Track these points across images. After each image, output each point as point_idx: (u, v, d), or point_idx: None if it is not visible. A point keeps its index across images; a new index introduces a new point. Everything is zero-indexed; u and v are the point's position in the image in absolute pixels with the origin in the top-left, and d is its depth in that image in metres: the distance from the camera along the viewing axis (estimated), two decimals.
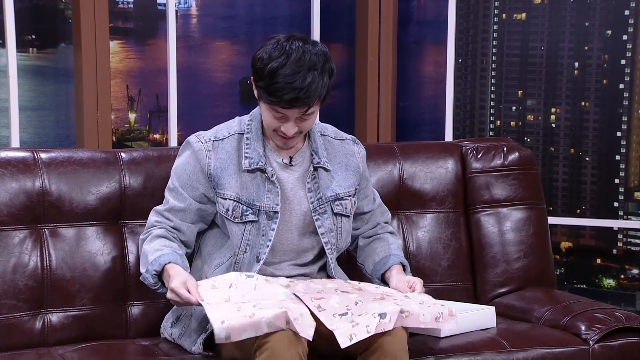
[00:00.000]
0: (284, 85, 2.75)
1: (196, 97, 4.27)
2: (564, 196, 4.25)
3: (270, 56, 2.79)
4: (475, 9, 4.33)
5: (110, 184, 3.07)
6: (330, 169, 2.97)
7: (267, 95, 2.78)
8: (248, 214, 2.89)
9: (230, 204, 2.90)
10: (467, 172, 3.45)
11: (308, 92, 2.76)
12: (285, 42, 2.80)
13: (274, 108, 2.81)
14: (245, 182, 2.90)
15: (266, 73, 2.77)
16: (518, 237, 3.40)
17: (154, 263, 2.83)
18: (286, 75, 2.75)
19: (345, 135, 3.07)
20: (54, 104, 4.03)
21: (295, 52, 2.77)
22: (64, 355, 2.85)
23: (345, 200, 2.98)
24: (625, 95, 4.13)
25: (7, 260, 2.93)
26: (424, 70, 4.61)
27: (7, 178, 2.97)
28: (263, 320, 2.58)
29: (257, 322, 2.58)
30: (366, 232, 3.12)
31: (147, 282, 2.86)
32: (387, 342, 2.67)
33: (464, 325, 3.03)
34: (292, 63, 2.76)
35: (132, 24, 4.20)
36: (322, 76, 2.79)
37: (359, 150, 3.05)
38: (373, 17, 4.50)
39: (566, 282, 4.32)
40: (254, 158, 2.91)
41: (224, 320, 2.58)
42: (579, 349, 3.01)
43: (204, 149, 2.91)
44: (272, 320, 2.58)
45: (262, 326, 2.58)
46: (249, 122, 2.95)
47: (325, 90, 2.82)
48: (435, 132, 4.49)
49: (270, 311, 2.59)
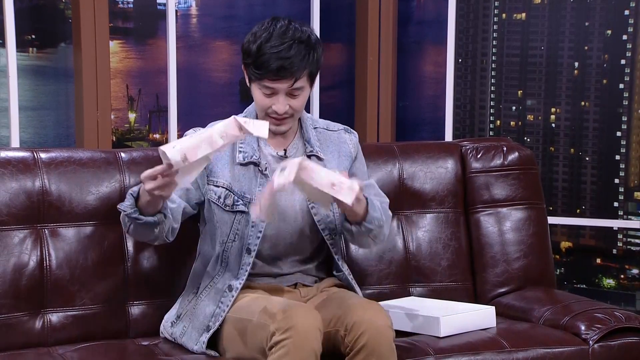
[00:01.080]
0: (270, 56, 2.80)
1: (196, 97, 4.27)
2: (564, 196, 4.25)
3: (255, 35, 2.85)
4: (475, 9, 4.33)
5: (110, 184, 3.07)
6: (323, 157, 2.98)
7: (255, 69, 2.83)
8: (239, 204, 2.90)
9: (222, 192, 2.91)
10: (467, 172, 3.45)
11: (293, 62, 2.80)
12: (270, 22, 2.88)
13: (263, 84, 2.84)
14: (238, 175, 2.92)
15: (254, 50, 2.83)
16: (518, 237, 3.40)
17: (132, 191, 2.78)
18: (272, 46, 2.81)
19: (337, 125, 3.09)
20: (54, 104, 4.02)
21: (280, 28, 2.84)
22: (64, 355, 2.85)
23: None
24: (625, 95, 4.13)
25: (7, 260, 2.93)
26: (424, 70, 4.61)
27: (7, 178, 2.97)
28: (215, 132, 2.58)
29: (209, 136, 2.58)
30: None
31: (123, 207, 2.78)
32: (372, 342, 2.67)
33: (464, 325, 3.03)
34: (277, 36, 2.82)
35: (132, 24, 4.20)
36: (308, 50, 2.84)
37: (351, 138, 3.07)
38: (373, 17, 4.50)
39: (566, 282, 4.32)
40: (248, 152, 2.92)
41: (175, 145, 2.58)
42: (579, 348, 3.01)
43: None
44: (224, 129, 2.59)
45: (215, 138, 2.58)
46: (244, 117, 2.96)
47: (313, 66, 2.86)
48: (435, 132, 4.48)
49: (220, 124, 2.61)
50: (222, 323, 2.84)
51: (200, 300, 2.91)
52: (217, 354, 2.85)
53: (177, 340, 2.95)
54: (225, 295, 2.86)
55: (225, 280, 2.90)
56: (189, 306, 2.94)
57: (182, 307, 2.97)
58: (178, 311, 2.98)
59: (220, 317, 2.84)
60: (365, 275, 3.28)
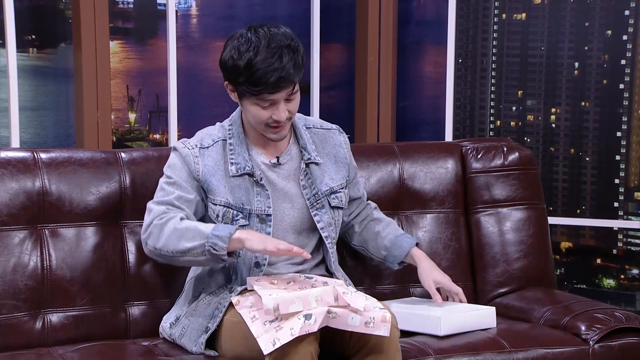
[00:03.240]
0: (265, 70, 2.76)
1: (196, 97, 4.27)
2: (564, 196, 4.25)
3: (239, 51, 2.80)
4: (475, 9, 4.32)
5: (110, 184, 3.07)
6: (320, 162, 2.98)
7: (251, 86, 2.78)
8: (239, 218, 2.89)
9: (220, 210, 2.89)
10: (467, 172, 3.45)
11: (288, 70, 2.78)
12: (248, 33, 2.82)
13: (261, 98, 2.80)
14: (234, 187, 2.90)
15: (243, 67, 2.78)
16: (518, 237, 3.40)
17: (221, 229, 2.75)
18: (263, 60, 2.76)
19: (329, 124, 3.09)
20: (54, 104, 4.02)
21: (264, 38, 2.79)
22: (64, 355, 2.85)
23: (339, 192, 3.00)
24: (625, 95, 4.13)
25: (7, 260, 2.93)
26: (424, 70, 4.61)
27: (7, 178, 2.97)
28: (311, 294, 2.60)
29: (306, 296, 2.59)
30: (359, 215, 3.16)
31: (215, 248, 2.74)
32: (379, 342, 2.67)
33: (464, 325, 3.03)
34: (264, 48, 2.78)
35: (132, 24, 4.20)
36: (295, 52, 2.81)
37: (345, 140, 3.08)
38: (373, 17, 4.50)
39: (566, 282, 4.32)
40: (240, 163, 2.90)
41: (272, 294, 2.61)
42: (579, 349, 3.01)
43: (191, 154, 2.90)
44: (321, 295, 2.60)
45: (310, 299, 2.59)
46: (230, 127, 2.96)
47: (302, 66, 2.84)
48: (435, 132, 4.48)
49: (319, 289, 2.63)
50: (220, 324, 2.84)
51: (200, 302, 2.91)
52: (216, 353, 2.85)
53: (176, 341, 2.94)
54: (225, 297, 2.86)
55: (231, 288, 2.90)
56: (189, 308, 2.94)
57: (181, 309, 2.97)
58: (177, 312, 2.97)
59: (218, 318, 2.84)
60: (366, 275, 3.28)
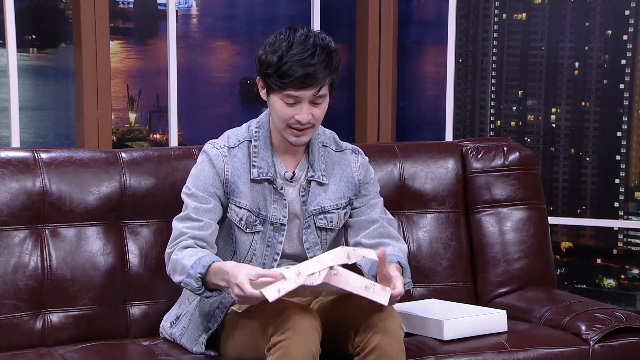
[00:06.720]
0: (294, 64, 2.73)
1: (196, 97, 4.27)
2: (564, 196, 4.25)
3: (274, 45, 2.78)
4: (475, 9, 4.32)
5: (110, 184, 3.07)
6: (325, 182, 2.93)
7: (278, 78, 2.75)
8: (257, 223, 2.88)
9: (244, 214, 2.88)
10: (467, 172, 3.45)
11: (318, 69, 2.74)
12: (287, 30, 2.81)
13: (286, 93, 2.77)
14: (254, 191, 2.88)
15: (275, 59, 2.75)
16: (518, 237, 3.40)
17: (195, 266, 2.72)
18: (295, 54, 2.74)
19: (346, 145, 3.01)
20: (54, 104, 4.03)
21: (300, 36, 2.77)
22: (64, 355, 2.85)
23: (331, 213, 2.93)
24: (626, 95, 4.13)
25: (7, 260, 2.93)
26: (424, 70, 4.61)
27: (7, 178, 2.97)
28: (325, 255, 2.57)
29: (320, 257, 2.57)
30: (371, 238, 2.99)
31: (190, 287, 2.74)
32: (384, 342, 2.67)
33: (471, 329, 3.00)
34: (299, 43, 2.75)
35: (132, 24, 4.20)
36: (330, 56, 2.77)
37: (356, 159, 2.99)
38: (373, 17, 4.50)
39: (566, 282, 4.32)
40: (263, 168, 2.88)
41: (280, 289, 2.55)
42: (580, 349, 3.01)
43: (220, 154, 2.87)
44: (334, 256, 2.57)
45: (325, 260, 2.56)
46: (257, 130, 2.92)
47: (334, 73, 2.80)
48: (436, 132, 4.49)
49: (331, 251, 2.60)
50: (221, 324, 2.84)
51: (201, 302, 2.91)
52: (216, 353, 2.85)
53: (176, 341, 2.94)
54: (225, 297, 2.86)
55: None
56: (189, 307, 2.94)
57: (181, 308, 2.97)
58: (177, 312, 2.97)
59: (219, 317, 2.84)
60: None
